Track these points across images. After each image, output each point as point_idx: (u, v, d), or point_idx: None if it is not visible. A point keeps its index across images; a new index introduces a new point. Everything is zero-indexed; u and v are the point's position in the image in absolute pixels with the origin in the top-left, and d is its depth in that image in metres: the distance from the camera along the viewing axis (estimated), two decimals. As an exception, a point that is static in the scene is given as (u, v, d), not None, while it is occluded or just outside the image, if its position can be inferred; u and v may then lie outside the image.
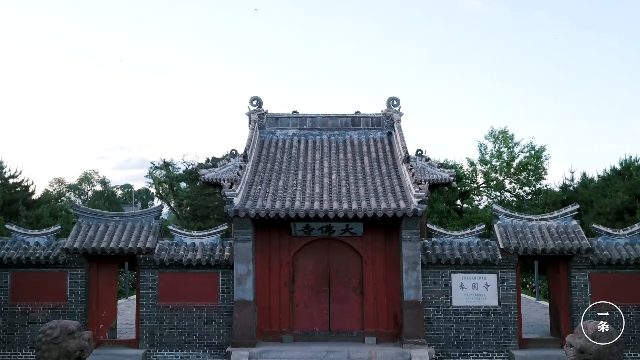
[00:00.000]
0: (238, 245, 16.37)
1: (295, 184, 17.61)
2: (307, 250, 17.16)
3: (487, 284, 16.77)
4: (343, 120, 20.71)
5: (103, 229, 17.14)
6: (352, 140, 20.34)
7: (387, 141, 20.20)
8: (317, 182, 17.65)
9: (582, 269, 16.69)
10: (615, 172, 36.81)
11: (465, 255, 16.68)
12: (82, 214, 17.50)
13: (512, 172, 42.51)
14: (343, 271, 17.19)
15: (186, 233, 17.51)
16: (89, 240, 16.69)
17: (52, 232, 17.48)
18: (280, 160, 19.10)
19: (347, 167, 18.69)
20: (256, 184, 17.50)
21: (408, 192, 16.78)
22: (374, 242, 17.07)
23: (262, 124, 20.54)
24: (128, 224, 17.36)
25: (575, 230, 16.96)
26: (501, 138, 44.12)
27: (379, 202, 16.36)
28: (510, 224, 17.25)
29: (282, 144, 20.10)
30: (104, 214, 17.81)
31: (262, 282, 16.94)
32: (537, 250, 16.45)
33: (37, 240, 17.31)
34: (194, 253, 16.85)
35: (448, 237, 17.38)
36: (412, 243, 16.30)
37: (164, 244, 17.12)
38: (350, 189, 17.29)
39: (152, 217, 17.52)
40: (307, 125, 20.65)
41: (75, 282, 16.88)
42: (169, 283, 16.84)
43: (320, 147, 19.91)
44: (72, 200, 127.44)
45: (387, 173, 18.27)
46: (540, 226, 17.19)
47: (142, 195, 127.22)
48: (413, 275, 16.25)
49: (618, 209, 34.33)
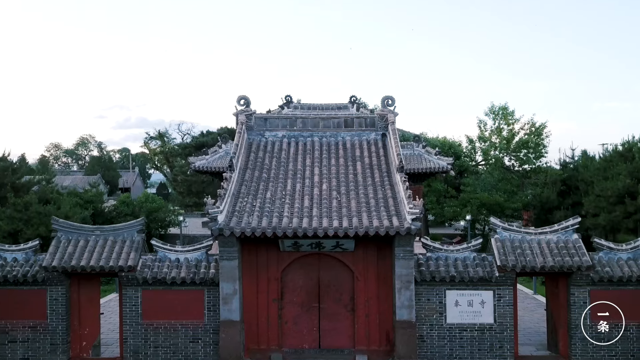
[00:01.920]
0: (224, 263, 15.68)
1: (283, 196, 16.80)
2: (296, 265, 16.47)
3: (482, 301, 16.16)
4: (335, 121, 19.76)
5: (83, 245, 16.41)
6: (344, 143, 19.43)
7: (382, 144, 19.29)
8: (307, 194, 16.84)
9: (582, 286, 16.06)
10: (617, 154, 35.93)
11: (460, 272, 16.01)
12: (62, 228, 16.73)
13: (511, 149, 41.68)
14: (334, 287, 16.55)
15: (170, 248, 16.78)
16: (68, 258, 15.98)
17: (30, 247, 16.76)
18: (269, 166, 18.22)
19: (339, 174, 17.84)
20: (242, 196, 16.69)
21: (402, 205, 15.99)
22: (366, 258, 16.38)
23: (250, 125, 19.60)
24: (109, 239, 16.62)
25: (576, 245, 16.25)
26: (501, 114, 43.15)
27: (371, 218, 15.59)
28: (508, 238, 16.52)
29: (271, 147, 19.19)
30: (84, 227, 17.05)
31: (249, 298, 16.32)
32: (536, 267, 15.78)
33: (15, 256, 16.61)
34: (178, 270, 16.17)
35: (443, 252, 16.67)
36: (405, 261, 15.63)
37: (147, 259, 16.42)
38: (341, 202, 16.49)
39: (134, 231, 16.77)
40: (298, 126, 19.71)
41: (56, 300, 16.26)
42: (153, 301, 16.21)
43: (311, 151, 19.01)
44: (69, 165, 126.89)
45: (380, 182, 17.43)
46: (540, 240, 16.46)
47: (140, 159, 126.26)
48: (406, 295, 15.62)
49: (619, 192, 33.60)
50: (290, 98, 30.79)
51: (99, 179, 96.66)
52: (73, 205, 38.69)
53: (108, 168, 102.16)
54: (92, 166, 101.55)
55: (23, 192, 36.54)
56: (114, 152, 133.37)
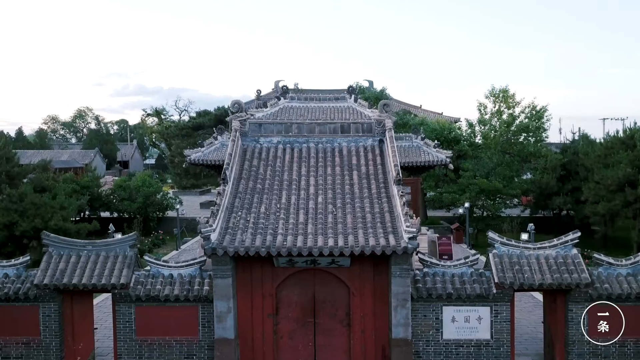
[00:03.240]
0: (217, 282, 15.47)
1: (278, 209, 16.49)
2: (291, 281, 16.26)
3: (479, 317, 16.00)
4: (331, 126, 19.31)
5: (75, 260, 16.17)
6: (340, 149, 19.02)
7: (379, 150, 18.89)
8: (302, 207, 16.52)
9: (580, 302, 15.88)
10: (618, 141, 35.56)
11: (457, 289, 15.82)
12: (53, 243, 16.45)
13: (512, 132, 41.21)
14: (329, 302, 16.37)
15: (163, 264, 16.55)
16: (60, 275, 15.76)
17: (21, 263, 16.53)
18: (264, 175, 17.87)
19: (335, 185, 17.50)
20: (236, 210, 16.37)
21: (399, 221, 15.70)
22: (362, 274, 16.14)
23: (245, 131, 19.16)
24: (101, 254, 16.38)
25: (575, 260, 16.00)
26: (501, 97, 42.57)
27: (367, 236, 15.31)
28: (506, 254, 16.28)
29: (265, 154, 18.79)
30: (76, 242, 16.77)
31: (244, 314, 16.15)
32: (534, 285, 15.58)
33: (6, 272, 16.39)
34: (171, 287, 15.97)
35: (440, 267, 16.44)
36: (401, 279, 15.41)
37: (140, 275, 16.20)
38: (337, 216, 16.18)
39: (126, 246, 16.53)
40: (293, 132, 19.26)
41: (49, 316, 16.11)
42: (147, 317, 16.05)
43: (306, 159, 18.62)
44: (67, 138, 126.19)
45: (377, 194, 17.09)
46: (538, 255, 16.22)
47: (138, 130, 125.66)
48: (402, 313, 15.46)
49: (619, 181, 33.35)
50: (286, 88, 30.28)
51: (97, 153, 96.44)
52: (69, 192, 38.47)
53: (106, 142, 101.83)
54: (90, 140, 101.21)
55: (18, 180, 36.26)
56: (111, 124, 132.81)
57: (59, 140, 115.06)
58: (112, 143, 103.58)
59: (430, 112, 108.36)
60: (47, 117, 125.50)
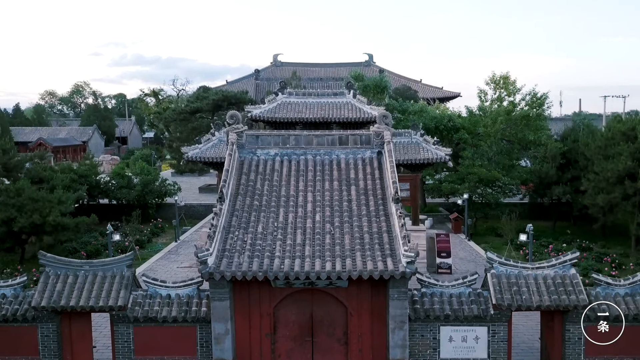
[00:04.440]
0: (215, 304, 15.47)
1: (275, 229, 16.40)
2: (289, 301, 16.24)
3: (477, 337, 16.06)
4: (329, 138, 19.08)
5: (72, 281, 16.14)
6: (339, 161, 18.84)
7: (377, 163, 18.70)
8: (300, 227, 16.42)
9: (578, 322, 15.90)
10: (619, 132, 35.22)
11: (455, 310, 15.84)
12: (50, 263, 16.40)
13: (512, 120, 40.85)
14: (327, 321, 16.39)
15: (160, 284, 16.51)
16: (57, 297, 15.74)
17: (18, 283, 16.51)
18: (261, 191, 17.72)
19: (333, 201, 17.37)
20: (233, 229, 16.27)
21: (397, 243, 15.63)
22: (360, 294, 16.11)
23: (242, 143, 18.95)
24: (98, 274, 16.33)
25: (573, 281, 15.97)
26: (502, 83, 42.12)
27: (365, 259, 15.25)
28: (504, 274, 16.24)
29: (262, 167, 18.61)
30: (73, 262, 16.70)
31: (242, 334, 16.18)
32: (532, 306, 15.61)
33: (4, 292, 16.38)
34: (169, 308, 15.97)
35: (438, 287, 16.42)
36: (399, 302, 15.40)
37: (138, 296, 16.19)
38: (334, 237, 16.10)
39: (123, 266, 16.47)
40: (291, 143, 19.05)
41: (47, 337, 16.16)
42: (146, 336, 16.10)
43: (304, 172, 18.45)
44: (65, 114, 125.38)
45: (375, 211, 16.97)
46: (536, 275, 16.19)
47: (136, 105, 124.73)
48: (400, 334, 15.49)
49: (619, 173, 33.19)
50: (284, 83, 29.86)
51: (95, 130, 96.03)
52: (67, 182, 38.29)
53: (104, 118, 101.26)
54: (88, 116, 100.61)
55: (16, 171, 36.09)
56: (109, 98, 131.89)
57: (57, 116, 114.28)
58: (110, 119, 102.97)
59: (430, 87, 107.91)
60: (45, 92, 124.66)
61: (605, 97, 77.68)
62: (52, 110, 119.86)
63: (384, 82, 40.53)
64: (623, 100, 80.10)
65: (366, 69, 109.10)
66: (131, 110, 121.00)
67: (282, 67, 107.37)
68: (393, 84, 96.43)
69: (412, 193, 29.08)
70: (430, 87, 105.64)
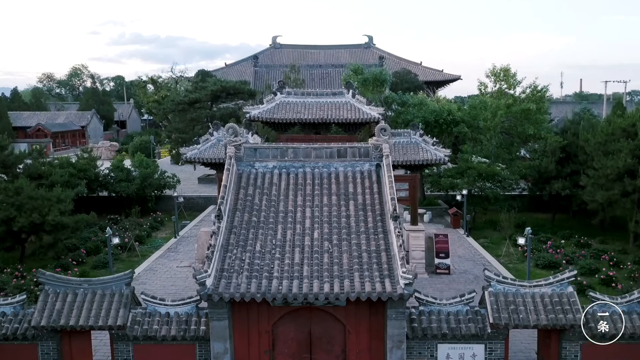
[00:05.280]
0: (214, 324, 15.56)
1: (274, 247, 16.42)
2: (287, 318, 16.32)
3: (474, 354, 16.18)
4: (328, 151, 19.01)
5: (71, 300, 16.20)
6: (337, 174, 18.78)
7: (376, 176, 18.65)
8: (298, 245, 16.45)
9: (574, 340, 16.01)
10: (620, 128, 35.10)
11: (452, 329, 15.93)
12: (49, 281, 16.45)
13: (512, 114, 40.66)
14: (325, 339, 16.49)
15: (159, 302, 16.58)
16: (57, 316, 15.83)
17: (18, 301, 16.60)
18: (259, 206, 17.70)
19: (331, 217, 17.37)
20: (232, 247, 16.30)
21: (395, 263, 15.66)
22: (358, 312, 16.18)
23: (240, 156, 18.87)
24: (98, 292, 16.40)
25: (570, 300, 16.04)
26: (502, 76, 41.87)
27: (363, 279, 15.30)
28: (502, 292, 16.30)
29: (261, 181, 18.56)
30: (72, 280, 16.74)
31: (240, 351, 16.28)
32: (529, 325, 15.69)
33: (3, 310, 16.47)
34: (168, 327, 16.07)
35: (436, 305, 16.49)
36: (397, 321, 15.49)
37: (137, 314, 16.27)
38: (333, 255, 16.13)
39: (122, 284, 16.53)
40: (289, 156, 18.97)
41: (47, 354, 16.29)
42: (145, 354, 16.23)
43: (302, 186, 18.40)
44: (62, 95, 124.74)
45: (373, 228, 16.98)
46: (534, 294, 16.25)
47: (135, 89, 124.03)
48: (397, 354, 15.60)
49: (619, 171, 33.14)
50: (282, 83, 29.65)
51: (94, 114, 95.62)
52: (66, 177, 38.23)
53: (103, 102, 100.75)
54: (87, 100, 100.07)
55: (14, 168, 36.04)
56: (107, 81, 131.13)
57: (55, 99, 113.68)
58: (109, 104, 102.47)
59: (431, 69, 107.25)
60: (42, 76, 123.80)
61: (606, 82, 77.02)
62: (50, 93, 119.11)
63: (384, 75, 40.24)
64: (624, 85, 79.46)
65: (366, 51, 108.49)
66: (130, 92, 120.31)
67: (282, 49, 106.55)
68: (393, 67, 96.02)
69: (411, 193, 29.02)
70: (431, 69, 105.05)
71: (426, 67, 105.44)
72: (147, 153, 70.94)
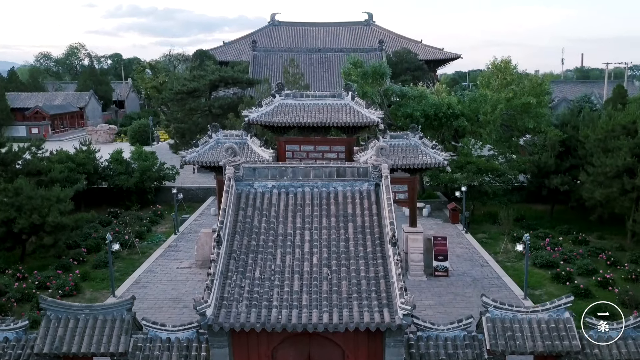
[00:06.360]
0: (214, 351, 15.74)
1: (273, 273, 16.52)
2: (287, 343, 16.47)
3: (471, 378, 16.39)
4: (327, 170, 18.99)
5: (73, 326, 16.36)
6: (336, 194, 18.80)
7: (375, 197, 18.67)
8: (297, 271, 16.55)
9: (570, 365, 16.23)
10: (620, 125, 35.05)
11: (450, 355, 16.12)
12: (50, 307, 16.58)
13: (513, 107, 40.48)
14: (324, 362, 16.72)
15: (160, 328, 16.73)
16: (59, 342, 15.99)
17: (20, 327, 16.71)
18: (258, 228, 17.76)
19: (330, 241, 17.43)
20: (231, 274, 16.39)
21: (394, 291, 15.77)
22: (357, 337, 16.28)
23: (239, 176, 18.87)
24: (99, 318, 16.54)
25: (567, 326, 16.20)
26: (503, 68, 41.59)
27: (362, 309, 15.43)
28: (499, 318, 16.45)
29: (260, 202, 18.58)
30: (73, 306, 16.87)
31: (241, 375, 16.55)
32: (525, 352, 15.87)
33: (6, 336, 16.63)
34: (169, 353, 16.24)
35: (434, 330, 16.66)
36: (395, 349, 15.66)
37: (138, 339, 16.44)
38: (332, 283, 16.24)
39: (123, 310, 16.66)
40: (288, 176, 18.96)
41: (50, 379, 16.48)
42: (147, 378, 16.44)
43: (301, 207, 18.43)
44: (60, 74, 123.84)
45: (372, 253, 17.06)
46: (531, 320, 16.41)
47: (133, 66, 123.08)
48: (396, 380, 15.82)
49: (618, 169, 33.20)
50: (281, 85, 29.47)
51: (92, 95, 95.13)
52: (65, 174, 38.24)
53: (100, 82, 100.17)
54: (84, 81, 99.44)
55: (13, 165, 35.97)
56: (105, 58, 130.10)
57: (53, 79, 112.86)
58: (107, 83, 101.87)
59: (431, 48, 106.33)
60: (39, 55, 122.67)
61: (607, 64, 76.54)
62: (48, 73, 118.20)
63: (383, 69, 39.92)
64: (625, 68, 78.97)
65: (365, 29, 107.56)
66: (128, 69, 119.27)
67: (280, 27, 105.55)
68: (393, 46, 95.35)
69: (410, 195, 29.09)
70: (431, 47, 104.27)
71: (426, 46, 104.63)
72: (145, 137, 70.94)
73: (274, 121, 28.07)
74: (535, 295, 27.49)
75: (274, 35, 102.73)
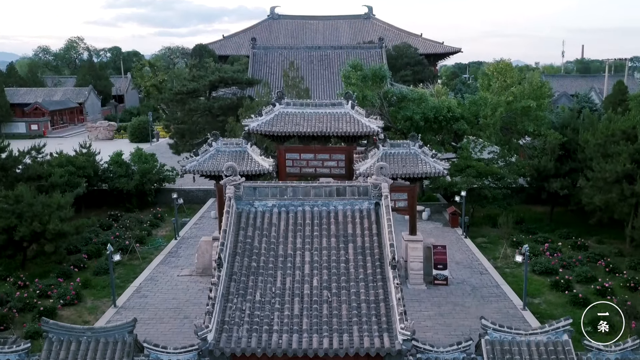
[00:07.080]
0: (215, 375, 15.88)
1: (273, 295, 16.61)
2: (287, 363, 16.66)
3: (470, 401, 16.54)
4: (327, 189, 19.02)
5: (75, 348, 16.46)
6: (336, 213, 18.85)
7: (375, 216, 18.72)
8: (297, 294, 16.63)
9: (568, 388, 16.36)
10: (620, 131, 35.05)
11: (449, 378, 16.27)
12: (53, 329, 16.69)
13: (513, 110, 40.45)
14: (325, 383, 16.85)
15: (162, 350, 16.83)
16: (61, 366, 16.13)
17: (22, 349, 16.77)
18: (259, 249, 17.83)
19: (330, 262, 17.50)
20: (232, 296, 16.48)
21: (394, 314, 15.86)
22: (357, 358, 16.50)
23: (239, 195, 18.91)
24: (101, 340, 16.63)
25: (565, 348, 16.30)
26: (503, 71, 41.54)
27: (362, 333, 15.53)
28: (498, 340, 16.57)
29: (260, 221, 18.63)
30: (75, 328, 16.97)
31: (242, 396, 16.69)
32: (524, 375, 16.00)
33: (8, 358, 16.73)
34: (171, 375, 16.39)
35: (433, 353, 16.77)
36: (395, 372, 15.80)
37: (140, 362, 16.58)
38: (332, 306, 16.34)
39: (125, 332, 16.76)
40: (288, 195, 19.00)
41: (53, 400, 16.61)
42: (148, 400, 16.59)
43: (302, 226, 18.49)
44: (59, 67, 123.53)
45: (372, 275, 17.13)
46: (529, 342, 16.51)
47: (132, 59, 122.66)
48: (395, 403, 15.97)
49: (618, 175, 33.26)
50: (281, 93, 29.47)
51: (91, 90, 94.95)
52: (66, 178, 38.28)
53: (99, 77, 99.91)
54: (83, 76, 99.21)
55: (13, 170, 36.01)
56: (104, 52, 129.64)
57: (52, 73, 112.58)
58: (106, 78, 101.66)
59: (431, 41, 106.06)
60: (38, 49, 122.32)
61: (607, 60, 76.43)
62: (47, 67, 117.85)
63: (383, 72, 39.85)
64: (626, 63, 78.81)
65: (365, 22, 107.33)
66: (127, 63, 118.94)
67: (280, 20, 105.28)
68: (393, 40, 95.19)
69: (409, 203, 29.16)
70: (431, 41, 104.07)
71: (426, 39, 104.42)
72: (145, 134, 70.92)
73: (274, 130, 28.10)
74: (534, 304, 27.64)
75: (273, 29, 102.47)
